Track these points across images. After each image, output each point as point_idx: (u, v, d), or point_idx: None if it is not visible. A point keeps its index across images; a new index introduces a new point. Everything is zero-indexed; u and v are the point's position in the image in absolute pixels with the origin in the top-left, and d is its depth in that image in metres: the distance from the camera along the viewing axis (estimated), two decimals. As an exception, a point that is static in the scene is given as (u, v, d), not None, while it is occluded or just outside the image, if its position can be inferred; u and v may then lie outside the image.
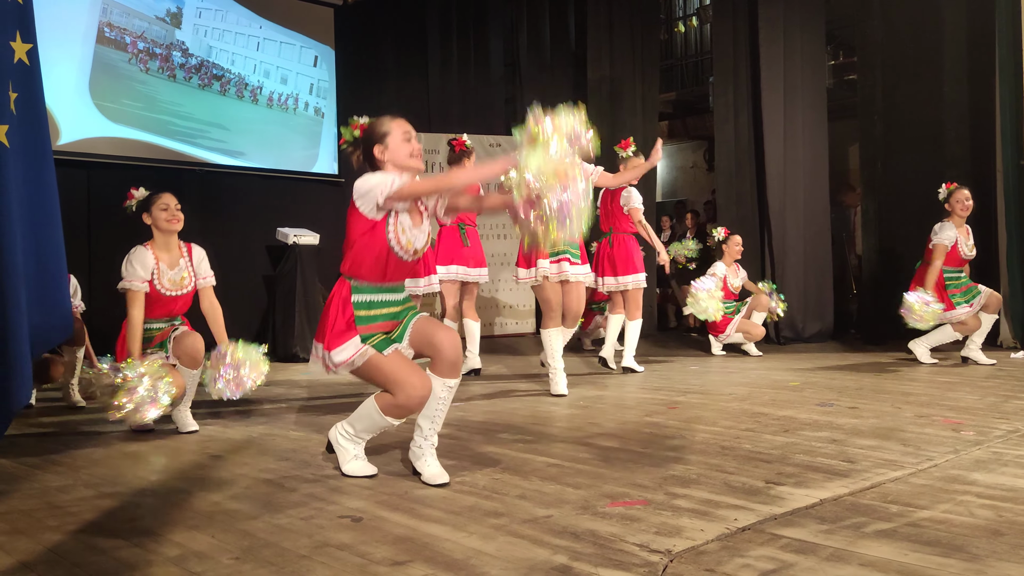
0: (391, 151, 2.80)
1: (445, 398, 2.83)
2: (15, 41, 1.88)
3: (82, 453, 3.37)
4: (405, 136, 2.81)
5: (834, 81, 10.67)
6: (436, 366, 2.82)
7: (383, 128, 2.82)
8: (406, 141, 2.81)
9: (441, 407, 2.84)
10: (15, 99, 1.86)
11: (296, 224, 7.65)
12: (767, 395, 4.64)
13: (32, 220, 1.94)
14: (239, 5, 8.48)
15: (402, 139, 2.80)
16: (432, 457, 2.83)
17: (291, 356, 7.11)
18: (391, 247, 2.75)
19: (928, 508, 2.34)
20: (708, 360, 6.74)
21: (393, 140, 2.80)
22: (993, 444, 3.18)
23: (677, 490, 2.60)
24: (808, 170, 8.16)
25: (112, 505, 2.54)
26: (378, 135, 2.82)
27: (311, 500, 2.56)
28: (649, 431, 3.62)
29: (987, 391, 4.58)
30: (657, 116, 10.00)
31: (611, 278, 5.76)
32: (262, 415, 4.31)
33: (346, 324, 2.75)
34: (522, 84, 10.40)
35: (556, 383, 4.79)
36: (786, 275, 8.02)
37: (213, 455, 3.29)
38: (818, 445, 3.22)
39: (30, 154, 1.95)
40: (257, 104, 8.58)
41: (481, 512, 2.40)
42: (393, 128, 2.81)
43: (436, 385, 2.81)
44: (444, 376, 2.81)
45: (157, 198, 3.94)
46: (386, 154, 2.80)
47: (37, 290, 1.92)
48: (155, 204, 3.93)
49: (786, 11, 8.11)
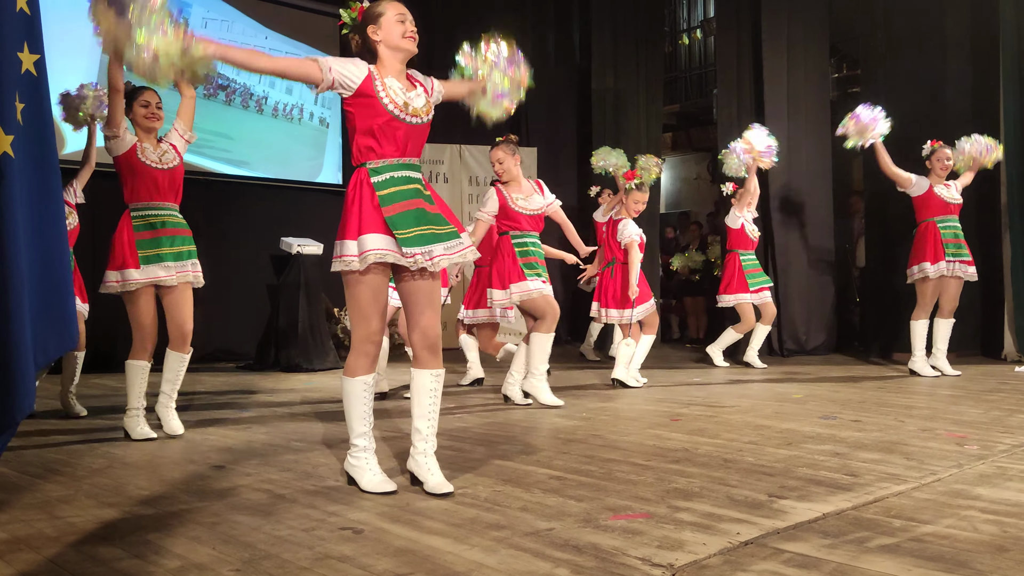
0: (384, 31, 2.81)
1: (435, 390, 2.82)
2: (23, 52, 1.89)
3: (83, 463, 3.36)
4: (399, 17, 2.82)
5: (838, 94, 10.67)
6: (417, 358, 2.82)
7: (377, 8, 2.84)
8: (400, 22, 2.81)
9: (433, 402, 2.82)
10: (22, 109, 1.87)
11: (300, 234, 7.67)
12: (770, 407, 4.63)
13: (38, 230, 1.95)
14: (245, 16, 8.53)
15: (395, 20, 2.81)
16: (435, 464, 2.82)
17: (294, 366, 7.12)
18: (387, 109, 2.74)
19: (932, 523, 2.33)
20: (711, 372, 6.73)
21: (386, 20, 2.81)
22: (997, 458, 3.17)
23: (679, 503, 2.59)
24: (811, 182, 8.17)
25: (113, 516, 2.54)
26: (372, 16, 2.83)
27: (312, 511, 2.56)
28: (652, 443, 3.61)
29: (991, 405, 4.56)
30: (661, 128, 10.03)
31: (615, 310, 5.67)
32: (264, 425, 4.30)
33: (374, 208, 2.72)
34: (526, 96, 10.42)
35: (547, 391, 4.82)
36: (789, 286, 8.02)
37: (215, 465, 3.28)
38: (821, 458, 3.21)
39: (36, 165, 1.96)
40: (263, 114, 8.62)
41: (483, 524, 2.39)
42: (387, 9, 2.83)
43: (423, 379, 2.80)
44: (429, 367, 2.80)
45: (140, 93, 3.88)
46: (379, 34, 2.81)
47: (42, 301, 1.93)
48: (136, 100, 3.87)
49: (790, 24, 8.13)
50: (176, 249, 3.86)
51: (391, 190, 2.74)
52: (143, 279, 3.78)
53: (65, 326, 2.01)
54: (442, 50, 9.77)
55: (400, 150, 2.79)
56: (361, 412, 2.82)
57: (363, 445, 2.84)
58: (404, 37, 2.81)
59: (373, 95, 2.74)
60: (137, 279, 3.77)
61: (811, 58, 8.21)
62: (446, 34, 9.90)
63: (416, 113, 2.80)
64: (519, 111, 11.37)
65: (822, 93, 8.43)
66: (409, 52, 2.85)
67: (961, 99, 7.50)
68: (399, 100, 2.77)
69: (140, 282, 3.77)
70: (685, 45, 13.09)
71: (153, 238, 3.82)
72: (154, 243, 3.81)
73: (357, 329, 2.80)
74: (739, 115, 8.32)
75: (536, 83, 11.17)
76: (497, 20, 10.26)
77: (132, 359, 3.87)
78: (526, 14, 10.51)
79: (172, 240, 3.86)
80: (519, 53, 3.16)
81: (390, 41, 2.81)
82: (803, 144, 8.14)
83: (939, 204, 5.99)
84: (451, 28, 9.93)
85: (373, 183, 2.75)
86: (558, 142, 10.44)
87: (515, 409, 4.76)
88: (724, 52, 8.59)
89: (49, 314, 1.95)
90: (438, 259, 2.78)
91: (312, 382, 6.35)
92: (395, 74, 2.84)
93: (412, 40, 2.83)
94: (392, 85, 2.79)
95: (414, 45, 2.84)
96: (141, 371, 3.86)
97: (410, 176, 2.80)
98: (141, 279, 3.78)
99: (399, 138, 2.78)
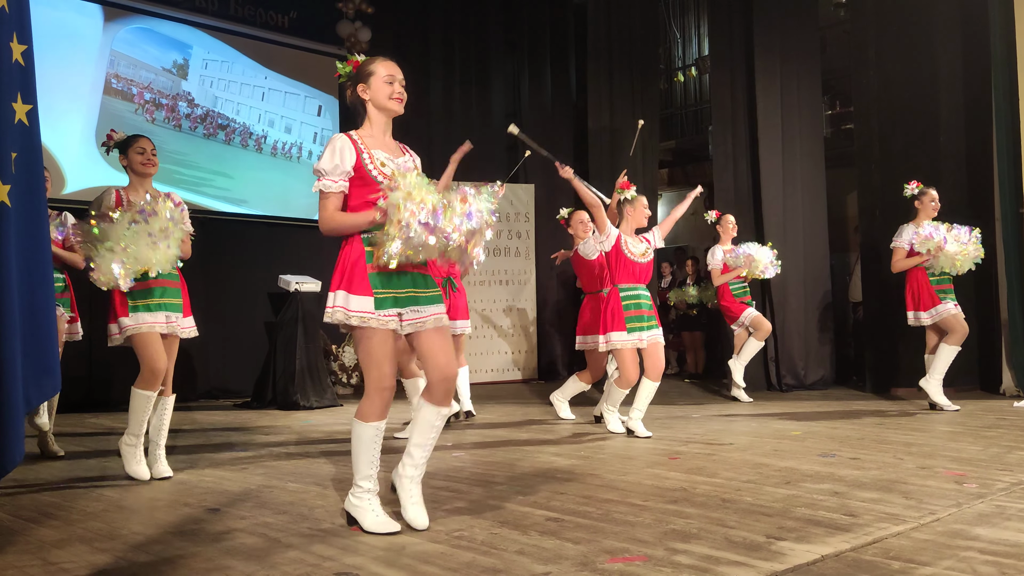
0: (372, 90, 2.89)
1: (439, 427, 2.90)
2: (16, 102, 1.92)
3: (77, 506, 3.34)
4: (388, 78, 2.88)
5: (831, 130, 10.79)
6: (430, 392, 2.86)
7: (369, 67, 2.91)
8: (388, 83, 2.88)
9: (434, 436, 2.90)
10: (15, 159, 1.89)
11: (298, 271, 7.69)
12: (769, 445, 4.61)
13: (29, 279, 1.96)
14: (245, 56, 8.64)
15: (384, 80, 2.88)
16: (417, 493, 2.88)
17: (291, 404, 7.09)
18: (376, 180, 2.78)
19: (930, 564, 2.31)
20: (709, 407, 6.71)
21: (375, 80, 2.88)
22: (996, 497, 3.15)
23: (677, 545, 2.57)
24: (807, 217, 8.22)
25: (106, 561, 2.52)
26: (363, 74, 2.90)
27: (308, 555, 2.54)
28: (650, 483, 3.60)
29: (990, 441, 4.54)
30: (657, 164, 10.09)
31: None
32: (260, 466, 4.28)
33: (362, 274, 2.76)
34: (524, 133, 10.51)
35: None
36: (787, 321, 8.03)
37: (209, 508, 3.26)
38: (820, 498, 3.19)
39: (28, 214, 1.98)
40: (261, 153, 8.69)
41: (479, 569, 2.37)
42: (378, 69, 2.90)
43: (431, 414, 2.86)
44: (438, 404, 2.86)
45: (135, 141, 3.94)
46: (368, 93, 2.89)
47: (31, 348, 1.94)
48: (132, 147, 3.93)
49: (782, 62, 8.24)
50: (166, 300, 3.90)
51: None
52: (132, 324, 3.80)
53: (48, 375, 2.02)
54: (439, 96, 9.92)
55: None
56: (369, 457, 2.84)
57: (367, 487, 2.84)
58: (391, 99, 2.89)
59: (363, 170, 2.82)
60: (128, 325, 3.80)
61: (804, 95, 8.31)
62: (445, 82, 10.04)
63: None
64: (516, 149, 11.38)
65: (815, 130, 8.52)
66: (395, 113, 2.93)
67: (954, 137, 7.57)
68: (387, 170, 2.83)
69: (130, 328, 3.80)
70: (680, 82, 13.24)
71: (144, 289, 3.85)
72: (145, 294, 3.85)
73: (368, 375, 2.82)
74: (734, 151, 8.40)
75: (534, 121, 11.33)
76: (494, 59, 10.41)
77: (140, 388, 3.85)
78: (523, 53, 10.65)
79: (164, 291, 3.90)
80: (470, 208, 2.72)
81: (377, 101, 2.90)
82: (798, 180, 8.20)
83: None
84: (448, 74, 10.07)
85: (362, 238, 2.81)
86: (555, 180, 10.48)
87: (512, 448, 4.74)
88: (718, 89, 8.69)
89: (35, 363, 1.96)
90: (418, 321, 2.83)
91: (310, 420, 6.32)
92: (381, 139, 2.92)
93: (399, 102, 2.91)
94: (379, 157, 2.85)
95: (401, 107, 2.92)
96: (148, 400, 3.86)
97: None
98: (131, 324, 3.80)
99: None
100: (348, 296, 2.77)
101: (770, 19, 8.26)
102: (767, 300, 8.10)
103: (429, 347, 2.86)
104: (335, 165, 2.80)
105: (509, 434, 5.34)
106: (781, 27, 8.26)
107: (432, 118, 9.71)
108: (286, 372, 7.25)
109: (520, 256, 9.85)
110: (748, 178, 8.35)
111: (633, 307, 5.12)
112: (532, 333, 9.86)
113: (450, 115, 9.98)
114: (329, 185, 2.81)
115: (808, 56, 8.39)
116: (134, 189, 3.92)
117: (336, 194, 2.81)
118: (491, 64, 10.40)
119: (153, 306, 3.85)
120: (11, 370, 1.82)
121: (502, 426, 5.78)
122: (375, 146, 2.88)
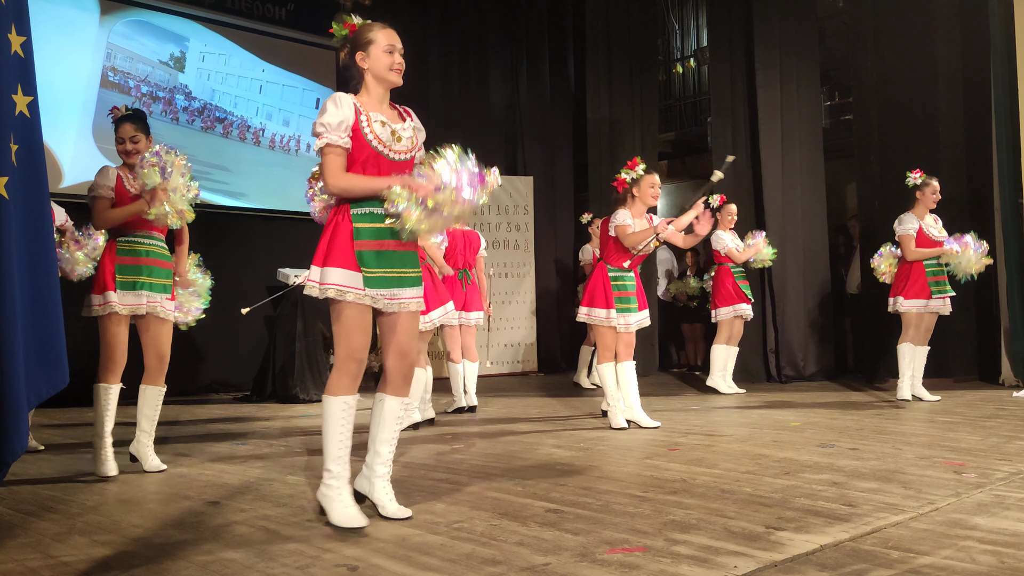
0: (372, 59, 2.79)
1: (402, 418, 2.86)
2: (16, 94, 1.91)
3: (77, 499, 3.34)
4: (388, 48, 2.80)
5: (830, 121, 10.77)
6: (388, 380, 2.83)
7: (368, 35, 2.81)
8: (388, 53, 2.79)
9: (398, 428, 2.86)
10: (16, 151, 1.89)
11: (297, 264, 7.68)
12: (768, 436, 4.61)
13: (31, 271, 1.96)
14: (242, 49, 8.61)
15: (384, 50, 2.79)
16: (390, 488, 2.85)
17: (291, 397, 7.09)
18: (372, 145, 2.74)
19: (929, 554, 2.31)
20: (709, 398, 6.71)
21: (375, 49, 2.79)
22: (995, 487, 3.15)
23: (676, 536, 2.57)
24: (806, 208, 8.22)
25: (106, 554, 2.52)
26: (362, 42, 2.80)
27: (307, 548, 2.54)
28: (649, 474, 3.60)
29: (989, 431, 4.55)
30: (657, 156, 10.08)
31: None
32: (260, 459, 4.28)
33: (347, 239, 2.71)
34: (522, 125, 10.52)
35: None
36: (786, 313, 8.03)
37: (209, 501, 3.26)
38: (819, 488, 3.19)
39: (29, 205, 1.98)
40: (260, 146, 8.67)
41: (479, 560, 2.37)
42: (378, 37, 2.80)
43: (393, 406, 2.83)
44: (400, 394, 2.84)
45: (118, 126, 3.89)
46: (367, 62, 2.80)
47: (35, 341, 1.93)
48: (116, 133, 3.89)
49: (782, 53, 8.22)
50: (152, 280, 3.86)
51: (368, 225, 2.74)
52: (117, 303, 3.76)
53: (56, 367, 2.02)
54: (437, 89, 9.90)
55: None
56: (338, 433, 2.76)
57: (337, 471, 2.77)
58: (391, 70, 2.81)
59: (358, 130, 2.75)
60: (114, 302, 3.75)
61: (803, 86, 8.29)
62: (443, 74, 10.02)
63: (401, 149, 2.81)
64: (515, 141, 11.43)
65: (814, 121, 8.51)
66: (394, 84, 2.85)
67: (954, 127, 7.56)
68: (383, 135, 2.77)
69: (115, 306, 3.75)
70: (679, 74, 13.21)
71: (134, 265, 3.82)
72: (134, 270, 3.82)
73: (339, 346, 2.77)
74: (733, 143, 8.38)
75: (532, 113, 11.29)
76: (493, 51, 10.39)
77: (103, 382, 3.79)
78: (521, 45, 10.62)
79: (151, 271, 3.87)
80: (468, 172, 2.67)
81: (376, 71, 2.81)
82: (797, 171, 8.19)
83: (927, 242, 5.98)
84: (447, 67, 10.05)
85: (352, 214, 2.75)
86: (554, 171, 10.51)
87: (512, 439, 4.74)
88: (718, 81, 8.67)
89: (41, 355, 1.96)
90: (399, 303, 2.79)
91: (309, 413, 6.33)
92: (379, 104, 2.84)
93: (398, 73, 2.83)
94: (376, 119, 2.78)
95: (399, 78, 2.84)
96: (113, 394, 3.80)
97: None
98: (116, 302, 3.75)
99: (383, 174, 2.77)
100: (327, 270, 2.70)
101: (769, 10, 8.24)
102: (767, 290, 8.10)
103: (393, 327, 2.81)
104: (340, 120, 2.70)
105: (509, 426, 5.34)
106: (780, 18, 8.24)
107: (430, 109, 9.69)
108: (285, 365, 7.26)
109: (519, 248, 9.85)
110: (748, 169, 8.34)
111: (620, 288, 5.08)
112: (531, 326, 9.86)
113: (448, 107, 9.96)
114: (335, 139, 2.70)
115: (807, 47, 8.37)
116: (128, 169, 3.90)
117: (343, 149, 2.72)
118: (489, 56, 10.38)
119: (140, 284, 3.81)
120: (12, 362, 1.82)
121: (502, 418, 5.78)
122: (372, 108, 2.81)
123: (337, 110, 2.72)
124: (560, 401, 6.84)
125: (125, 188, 3.83)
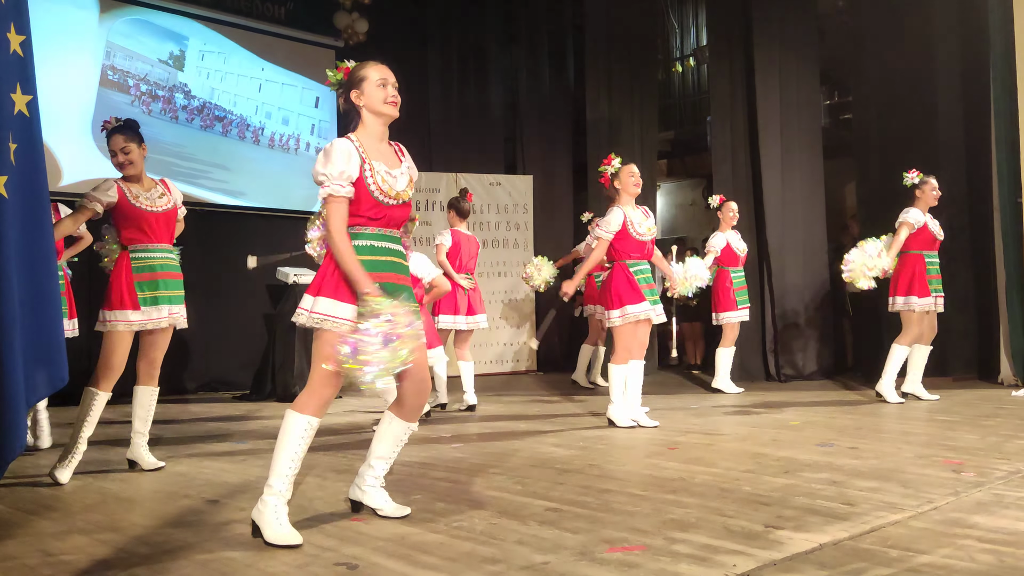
0: (366, 95, 2.81)
1: (404, 440, 2.93)
2: (15, 93, 1.91)
3: (77, 498, 3.35)
4: (381, 82, 2.81)
5: (830, 120, 10.77)
6: (400, 408, 2.86)
7: (360, 72, 2.83)
8: (381, 87, 2.81)
9: (399, 449, 2.93)
10: (15, 150, 1.89)
11: (296, 264, 7.68)
12: (767, 435, 4.62)
13: (30, 269, 1.95)
14: (241, 48, 8.60)
15: (377, 84, 2.81)
16: (384, 492, 2.92)
17: (291, 396, 7.09)
18: (373, 196, 2.74)
19: (928, 553, 2.32)
20: (709, 397, 6.71)
21: (368, 85, 2.81)
22: (994, 485, 3.16)
23: (676, 534, 2.58)
24: (806, 208, 8.21)
25: (106, 553, 2.52)
26: (355, 80, 2.83)
27: (307, 546, 2.54)
28: (648, 473, 3.60)
29: (988, 430, 4.55)
30: (656, 155, 10.08)
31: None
32: (260, 457, 4.28)
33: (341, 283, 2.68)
34: (522, 124, 10.52)
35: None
36: (786, 312, 8.04)
37: (209, 500, 3.27)
38: (818, 487, 3.20)
39: (29, 204, 1.98)
40: (259, 145, 8.67)
41: (478, 559, 2.38)
42: (370, 73, 2.82)
43: (400, 429, 2.89)
44: (407, 420, 2.88)
45: (109, 138, 3.88)
46: (362, 99, 2.82)
47: (33, 340, 1.93)
48: (108, 146, 3.89)
49: (781, 53, 8.22)
50: (170, 293, 3.89)
51: (368, 258, 2.74)
52: (139, 320, 3.78)
53: (55, 365, 2.02)
54: (438, 88, 9.90)
55: (383, 225, 2.81)
56: (292, 451, 2.69)
57: (278, 489, 2.65)
58: (385, 103, 2.82)
59: (362, 182, 2.74)
60: (132, 320, 3.77)
61: (803, 86, 8.29)
62: (443, 73, 10.01)
63: (399, 196, 2.82)
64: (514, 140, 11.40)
65: (814, 120, 8.51)
66: (390, 117, 2.86)
67: (953, 126, 7.56)
68: (385, 186, 2.78)
69: (135, 323, 3.77)
70: (679, 73, 13.21)
71: (151, 280, 3.84)
72: (152, 285, 3.84)
73: (316, 370, 2.70)
74: (733, 141, 8.39)
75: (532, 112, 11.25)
76: (492, 50, 10.38)
77: (96, 388, 3.77)
78: (521, 43, 10.62)
79: (167, 284, 3.89)
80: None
81: (372, 106, 2.82)
82: (796, 170, 8.19)
83: (929, 238, 5.98)
84: (447, 66, 10.05)
85: (353, 247, 2.73)
86: (554, 171, 10.50)
87: (512, 439, 4.74)
88: (717, 80, 8.67)
89: (40, 353, 1.96)
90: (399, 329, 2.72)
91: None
92: (377, 146, 2.85)
93: (393, 105, 2.84)
94: (379, 169, 2.78)
95: (395, 110, 2.85)
96: (101, 401, 3.79)
97: (389, 248, 2.82)
98: (137, 320, 3.78)
99: (381, 216, 2.79)
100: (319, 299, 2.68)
101: (769, 9, 8.24)
102: (767, 289, 8.11)
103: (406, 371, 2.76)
104: (342, 170, 2.70)
105: (508, 425, 5.35)
106: (780, 17, 8.24)
107: (430, 108, 9.69)
108: (285, 364, 7.25)
109: (519, 248, 9.84)
110: (747, 168, 8.35)
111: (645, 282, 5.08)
112: (531, 324, 9.86)
113: (448, 105, 9.96)
114: (338, 191, 2.70)
115: (807, 46, 8.37)
116: (132, 182, 3.90)
117: (346, 199, 2.72)
118: (489, 55, 10.38)
119: (161, 299, 3.85)
120: (10, 361, 1.82)
121: (501, 417, 5.79)
122: (375, 156, 2.81)
123: (340, 161, 2.72)
124: (559, 400, 6.84)
125: (129, 202, 3.84)
